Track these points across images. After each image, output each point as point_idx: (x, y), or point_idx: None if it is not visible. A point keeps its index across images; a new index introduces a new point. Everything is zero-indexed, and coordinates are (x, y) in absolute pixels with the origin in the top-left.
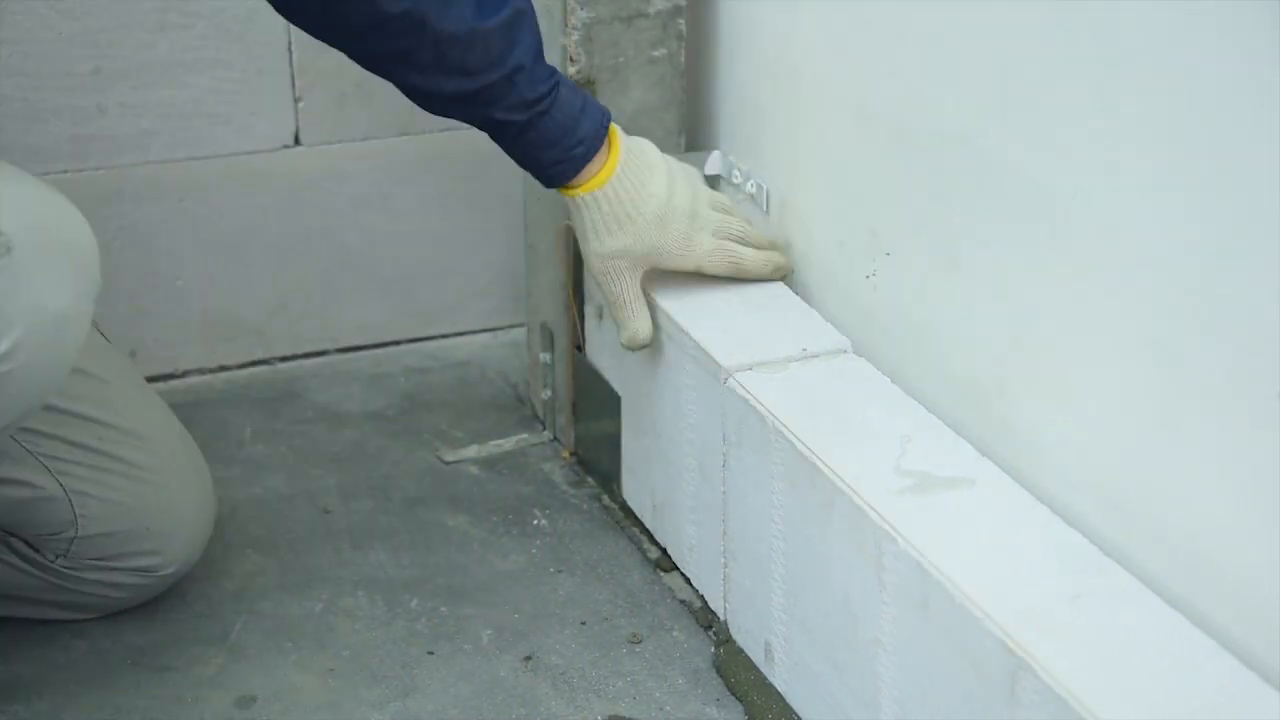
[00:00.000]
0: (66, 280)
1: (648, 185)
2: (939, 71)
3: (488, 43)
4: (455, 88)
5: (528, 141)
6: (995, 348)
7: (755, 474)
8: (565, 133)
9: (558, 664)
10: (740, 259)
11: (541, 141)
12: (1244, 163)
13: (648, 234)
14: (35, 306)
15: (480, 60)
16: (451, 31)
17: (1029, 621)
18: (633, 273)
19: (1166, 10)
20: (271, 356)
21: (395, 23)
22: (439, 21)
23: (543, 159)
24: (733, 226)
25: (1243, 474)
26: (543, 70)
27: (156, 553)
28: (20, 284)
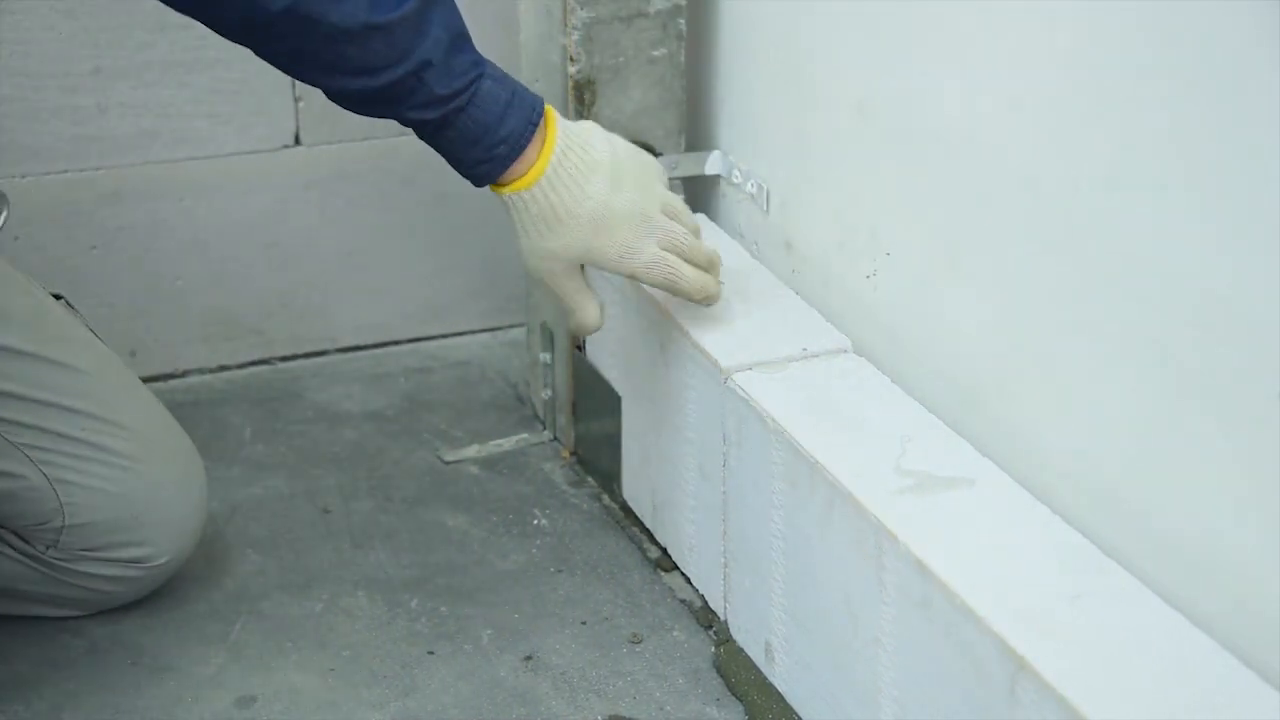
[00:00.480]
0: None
1: (584, 186)
2: (939, 71)
3: (389, 38)
4: (359, 86)
5: (446, 140)
6: (995, 348)
7: (755, 474)
8: (486, 131)
9: (558, 664)
10: (678, 277)
11: (461, 140)
12: (1244, 163)
13: (581, 237)
14: None
15: (381, 57)
16: (345, 27)
17: (1029, 621)
18: (569, 272)
19: (1166, 10)
20: (271, 356)
21: (282, 21)
22: (329, 17)
23: (464, 158)
24: (678, 238)
25: (1243, 474)
26: (460, 63)
27: (146, 543)
28: None
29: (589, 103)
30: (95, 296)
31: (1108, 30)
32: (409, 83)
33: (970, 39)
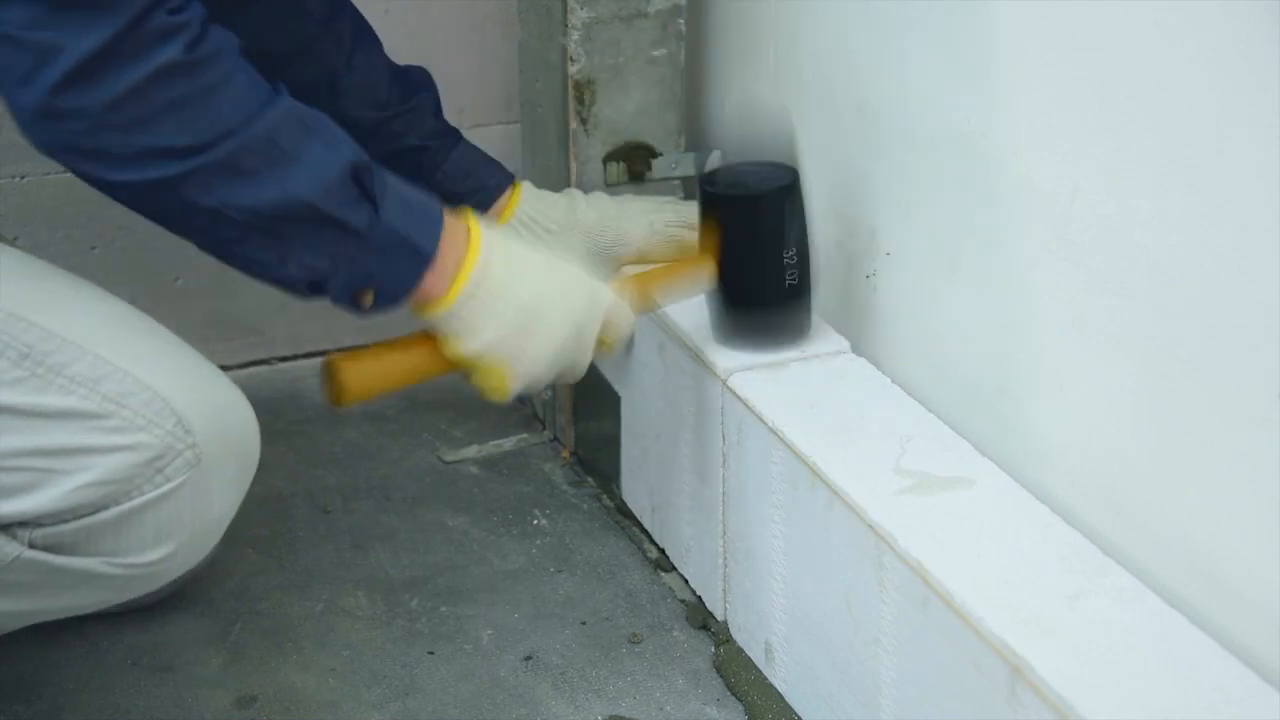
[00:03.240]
0: (233, 487)
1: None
2: (939, 71)
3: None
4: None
5: (442, 173)
6: (995, 348)
7: (755, 474)
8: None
9: (558, 664)
10: (685, 240)
11: (455, 170)
12: (1244, 163)
13: (575, 241)
14: (202, 515)
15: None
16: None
17: (1028, 621)
18: None
19: (1166, 10)
20: (271, 356)
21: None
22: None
23: (459, 189)
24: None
25: (1243, 474)
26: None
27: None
28: (198, 496)
29: (589, 103)
30: None
31: (1108, 30)
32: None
33: (970, 39)
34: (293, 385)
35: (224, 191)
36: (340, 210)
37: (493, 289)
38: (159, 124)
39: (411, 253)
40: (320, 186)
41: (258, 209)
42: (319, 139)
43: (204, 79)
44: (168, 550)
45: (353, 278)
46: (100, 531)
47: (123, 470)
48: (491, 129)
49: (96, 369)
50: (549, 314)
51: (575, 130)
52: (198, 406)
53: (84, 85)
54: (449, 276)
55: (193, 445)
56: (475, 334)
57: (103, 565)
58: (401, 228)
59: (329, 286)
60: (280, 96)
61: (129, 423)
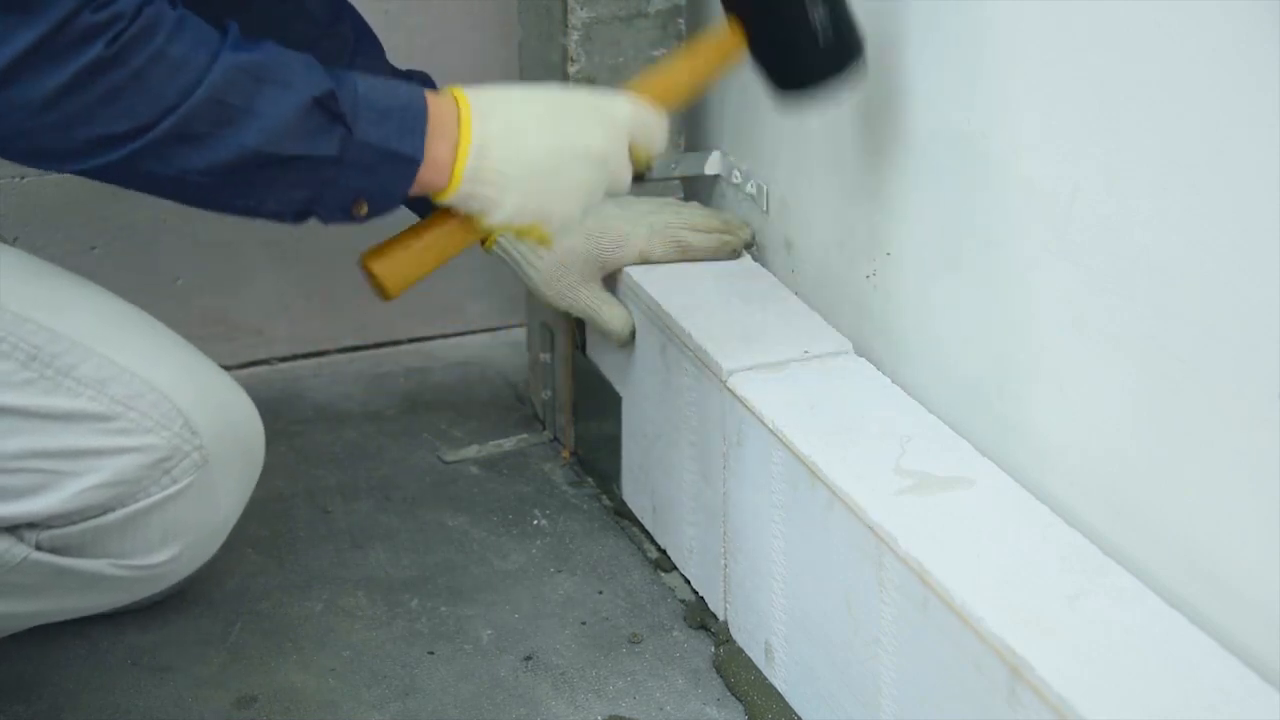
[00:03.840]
0: (239, 488)
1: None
2: (940, 72)
3: None
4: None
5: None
6: (995, 348)
7: (755, 474)
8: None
9: (558, 664)
10: (686, 241)
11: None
12: (1244, 163)
13: (577, 243)
14: (208, 516)
15: None
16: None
17: (1028, 621)
18: (586, 284)
19: (1166, 10)
20: (271, 356)
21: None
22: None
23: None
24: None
25: (1243, 474)
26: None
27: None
28: (204, 497)
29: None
30: None
31: (1108, 29)
32: None
33: (970, 39)
34: (293, 385)
35: (180, 160)
36: (305, 146)
37: (497, 163)
38: (96, 116)
39: (395, 160)
40: (277, 132)
41: (218, 168)
42: (271, 84)
43: (132, 64)
44: (174, 551)
45: (339, 198)
46: (107, 533)
47: (130, 472)
48: None
49: (103, 370)
50: (566, 163)
51: None
52: (204, 407)
53: (13, 88)
54: (446, 168)
55: (199, 446)
56: (495, 208)
57: (109, 567)
58: (379, 140)
59: (316, 212)
60: (224, 53)
61: (136, 424)
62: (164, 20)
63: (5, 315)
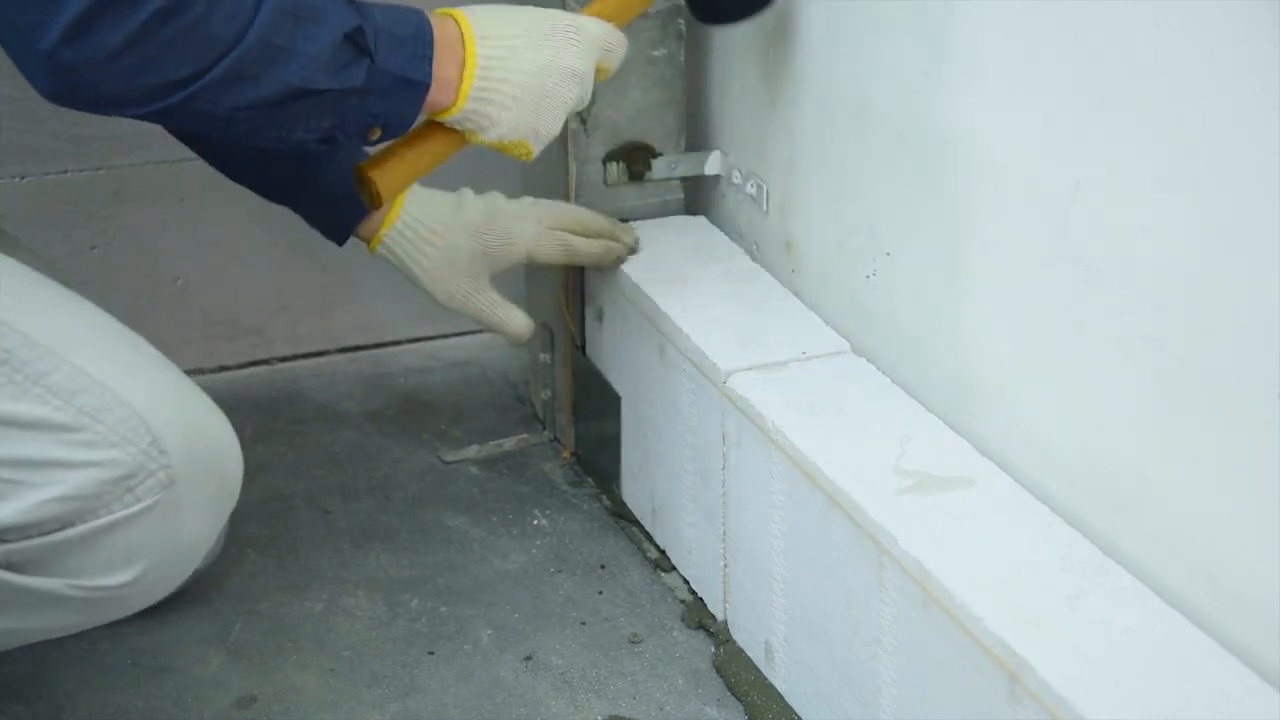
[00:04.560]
0: (209, 512)
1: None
2: (939, 71)
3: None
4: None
5: (327, 173)
6: (995, 348)
7: (755, 475)
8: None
9: (558, 664)
10: (573, 246)
11: (339, 170)
12: (1244, 163)
13: (462, 240)
14: (173, 538)
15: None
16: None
17: (1028, 621)
18: (475, 283)
19: (1166, 11)
20: (271, 356)
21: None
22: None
23: (343, 189)
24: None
25: (1243, 474)
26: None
27: None
28: (170, 519)
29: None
30: (95, 297)
31: (1108, 29)
32: None
33: (970, 39)
34: (293, 385)
35: (231, 99)
36: (338, 78)
37: (497, 83)
38: (160, 62)
39: (408, 86)
40: (314, 68)
41: (264, 103)
42: (308, 21)
43: (194, 10)
44: (134, 574)
45: (360, 123)
46: (64, 550)
47: (91, 487)
48: None
49: (74, 381)
50: (554, 82)
51: (575, 130)
52: (174, 427)
53: (83, 39)
54: (453, 88)
55: (166, 466)
56: (492, 125)
57: (65, 587)
58: (396, 68)
59: (338, 137)
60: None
61: (102, 438)
62: None
63: None
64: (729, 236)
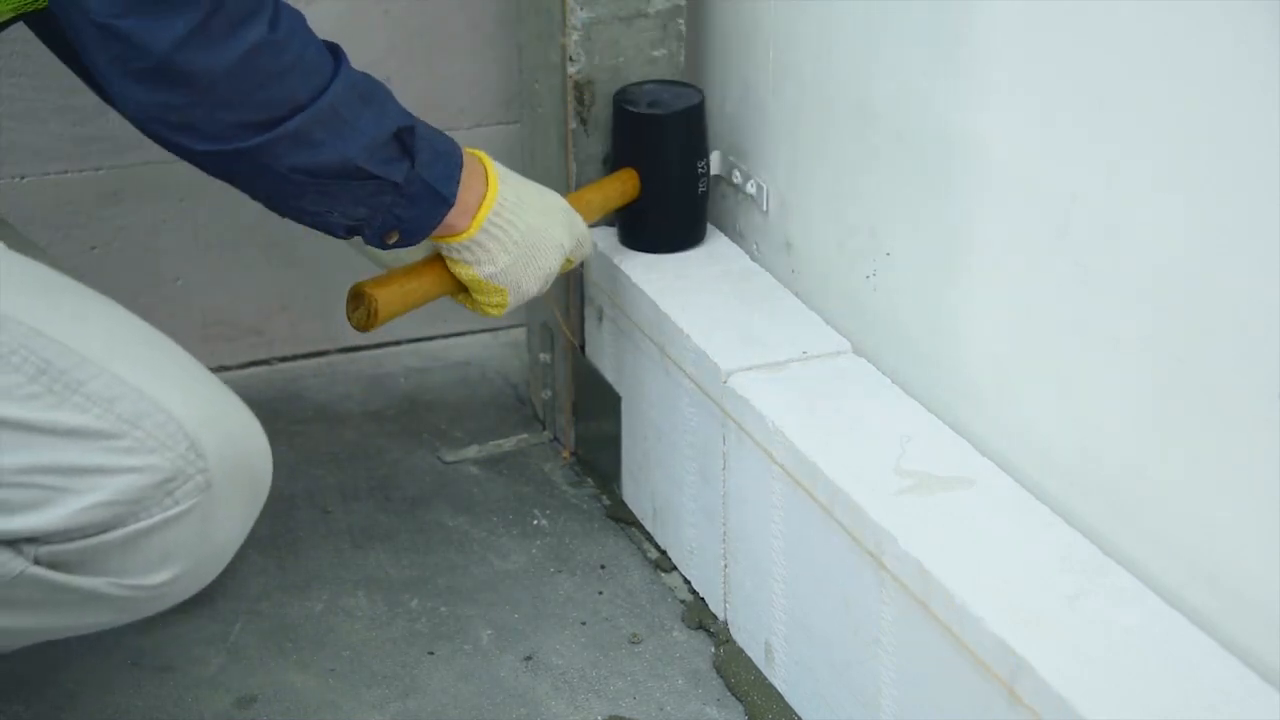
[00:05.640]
0: (242, 514)
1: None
2: (939, 71)
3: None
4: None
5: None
6: (995, 348)
7: (755, 475)
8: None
9: (558, 664)
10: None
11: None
12: (1244, 163)
13: None
14: (207, 540)
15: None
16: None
17: (1029, 621)
18: None
19: (1167, 11)
20: (271, 356)
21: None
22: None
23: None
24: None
25: (1243, 474)
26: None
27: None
28: (206, 521)
29: (588, 103)
30: None
31: (1108, 29)
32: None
33: (970, 39)
34: (293, 385)
35: (293, 157)
36: (384, 169)
37: (504, 223)
38: (244, 102)
39: (436, 198)
40: (371, 150)
41: (319, 171)
42: (372, 106)
43: (285, 57)
44: (172, 574)
45: (385, 222)
46: (106, 551)
47: (132, 492)
48: (491, 129)
49: (112, 388)
50: (545, 244)
51: (575, 130)
52: (211, 431)
53: (179, 69)
54: (470, 213)
55: (204, 470)
56: (491, 261)
57: (106, 585)
58: (430, 177)
59: (364, 230)
60: (341, 68)
61: (141, 444)
62: (300, 23)
63: (19, 328)
64: (729, 236)
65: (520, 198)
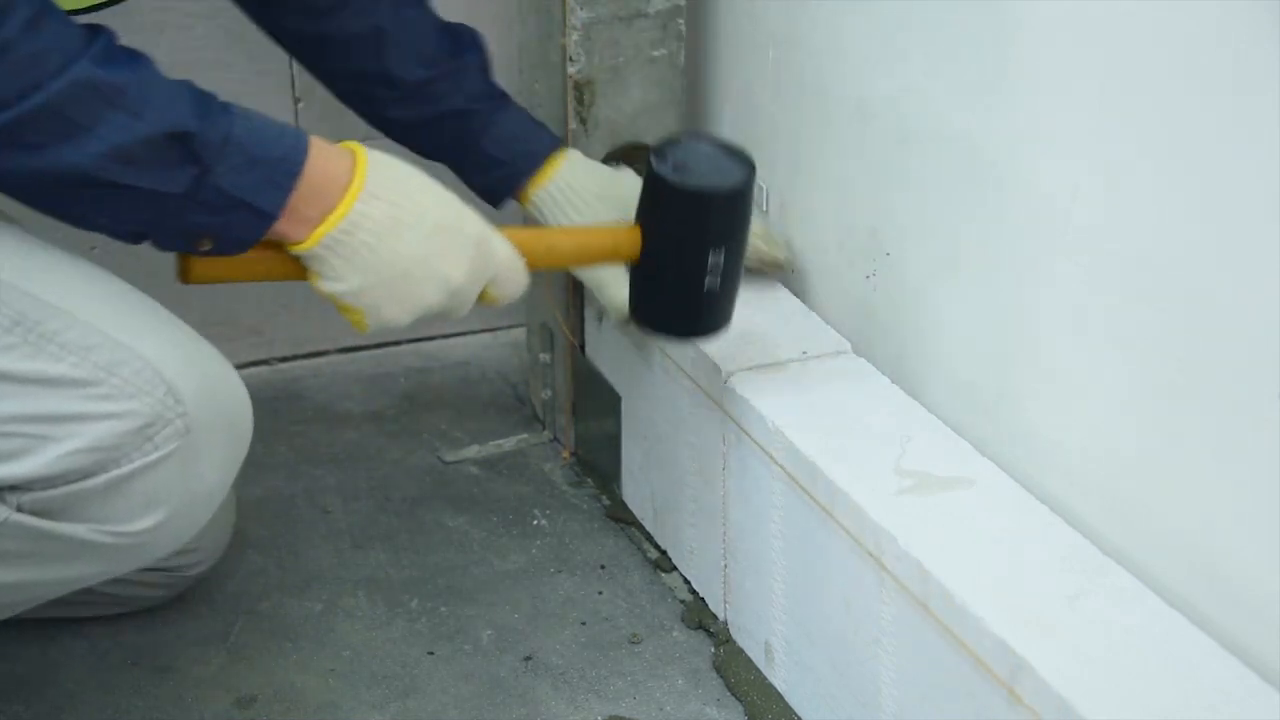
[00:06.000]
0: (225, 460)
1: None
2: (939, 71)
3: None
4: None
5: (489, 137)
6: (995, 348)
7: (755, 475)
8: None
9: (558, 664)
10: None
11: (502, 135)
12: (1244, 163)
13: (601, 217)
14: (190, 488)
15: None
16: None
17: (1029, 621)
18: None
19: (1166, 10)
20: (271, 356)
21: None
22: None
23: (503, 155)
24: None
25: (1243, 474)
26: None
27: (188, 551)
28: (188, 465)
29: (588, 103)
30: None
31: (1108, 29)
32: None
33: (969, 39)
34: (293, 385)
35: (4, 159)
36: (148, 179)
37: (357, 244)
38: None
39: (249, 211)
40: (114, 159)
41: (41, 178)
42: (122, 110)
43: (2, 31)
44: (157, 520)
45: (181, 230)
46: (88, 498)
47: (112, 437)
48: None
49: (88, 337)
50: (420, 279)
51: (575, 130)
52: (188, 376)
53: None
54: (308, 227)
55: (183, 414)
56: (338, 279)
57: (91, 532)
58: (235, 188)
59: (153, 239)
60: (78, 64)
61: (119, 390)
62: (17, 7)
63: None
64: None
65: (398, 218)
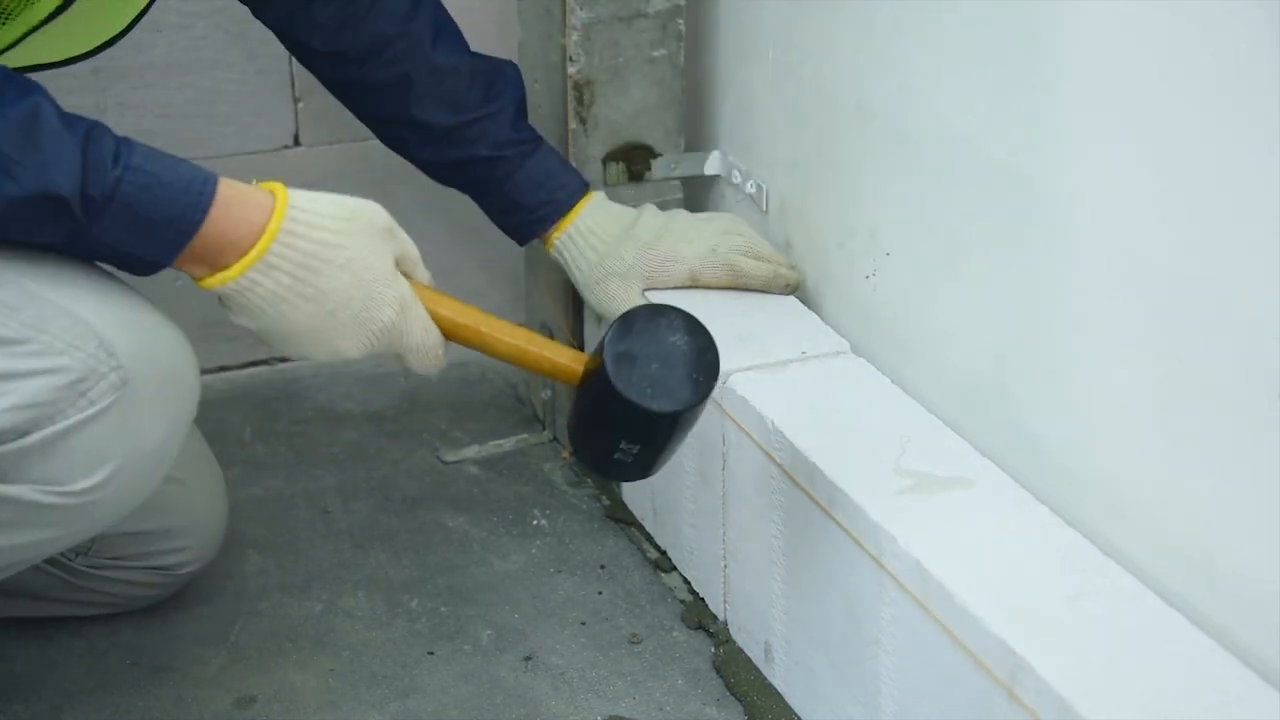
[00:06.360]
0: (168, 414)
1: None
2: (939, 71)
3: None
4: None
5: (513, 183)
6: (995, 348)
7: (755, 475)
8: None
9: (558, 664)
10: (741, 267)
11: (526, 182)
12: (1244, 163)
13: (626, 251)
14: (133, 443)
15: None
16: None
17: (1028, 621)
18: (626, 292)
19: (1166, 11)
20: (271, 356)
21: None
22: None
23: (527, 201)
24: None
25: (1243, 474)
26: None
27: (179, 550)
28: (127, 420)
29: (588, 103)
30: None
31: (1107, 29)
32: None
33: (969, 39)
34: (293, 385)
35: None
36: (19, 231)
37: (250, 306)
38: None
39: (134, 261)
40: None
41: None
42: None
43: None
44: (101, 477)
45: (86, 254)
46: (28, 456)
47: (45, 393)
48: None
49: (16, 299)
50: (314, 346)
51: (575, 130)
52: (121, 330)
53: None
54: (206, 270)
55: (117, 367)
56: (239, 316)
57: (35, 492)
58: (117, 243)
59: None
60: None
61: (49, 347)
62: None
63: None
64: None
65: (297, 290)
